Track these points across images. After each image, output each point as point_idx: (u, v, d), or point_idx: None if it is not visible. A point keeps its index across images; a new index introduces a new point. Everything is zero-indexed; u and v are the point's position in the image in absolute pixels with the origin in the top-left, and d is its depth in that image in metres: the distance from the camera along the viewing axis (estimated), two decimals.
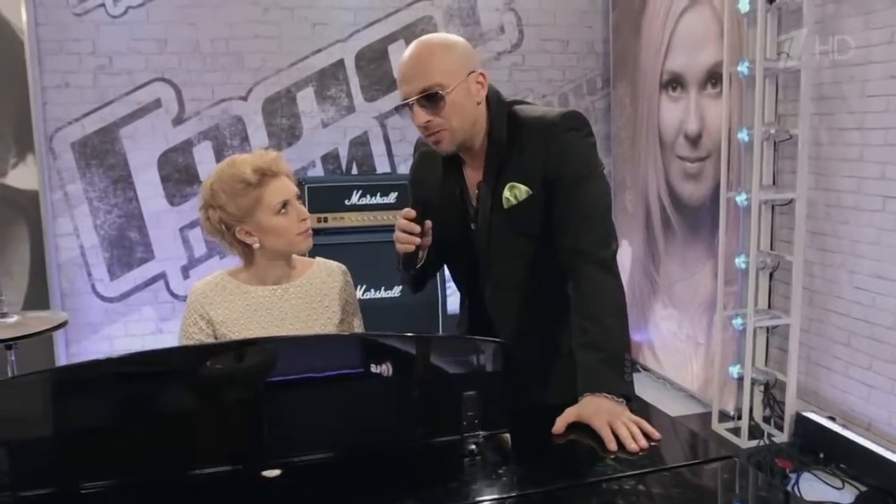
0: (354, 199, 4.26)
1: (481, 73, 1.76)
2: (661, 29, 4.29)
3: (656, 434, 1.40)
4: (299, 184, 2.26)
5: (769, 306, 3.86)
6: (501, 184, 1.79)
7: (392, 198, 4.29)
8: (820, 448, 3.43)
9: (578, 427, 1.47)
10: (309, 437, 1.37)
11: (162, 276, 4.52)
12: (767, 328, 3.84)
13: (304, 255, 2.01)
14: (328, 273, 2.02)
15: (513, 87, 4.79)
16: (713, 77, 3.90)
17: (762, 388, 3.81)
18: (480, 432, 1.43)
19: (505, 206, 1.79)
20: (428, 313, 4.31)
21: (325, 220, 4.17)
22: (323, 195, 4.18)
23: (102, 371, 1.39)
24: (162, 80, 4.36)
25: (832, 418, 3.53)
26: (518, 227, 1.80)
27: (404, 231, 1.73)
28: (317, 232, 2.51)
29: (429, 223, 1.74)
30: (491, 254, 1.85)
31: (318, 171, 4.64)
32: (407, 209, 1.74)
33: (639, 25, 4.53)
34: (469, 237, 1.91)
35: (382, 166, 4.76)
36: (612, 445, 1.38)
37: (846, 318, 3.47)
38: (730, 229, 3.77)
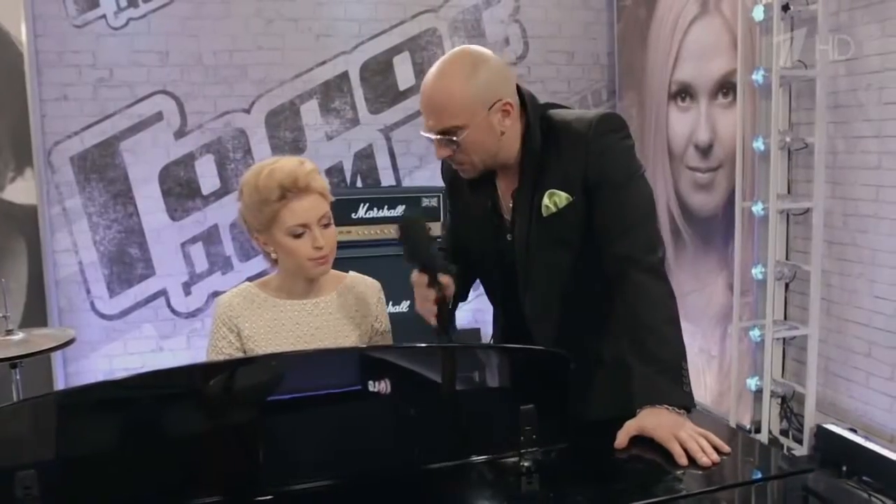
0: (361, 212, 4.18)
1: (507, 103, 1.66)
2: (670, 39, 4.27)
3: (726, 447, 1.33)
4: None
5: (785, 317, 3.81)
6: (540, 192, 1.72)
7: (399, 210, 4.21)
8: (842, 461, 3.36)
9: (640, 440, 1.40)
10: (359, 454, 1.29)
11: (163, 292, 4.42)
12: (784, 339, 3.79)
13: (317, 279, 1.89)
14: (361, 289, 1.93)
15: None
16: (725, 86, 3.87)
17: (779, 400, 3.75)
18: (538, 448, 1.35)
19: (544, 213, 1.72)
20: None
21: None
22: None
23: (92, 397, 1.27)
24: (163, 92, 4.28)
25: (853, 430, 3.47)
26: (558, 236, 1.73)
27: (423, 298, 1.71)
28: None
29: (446, 279, 1.70)
30: (530, 264, 1.78)
31: None
32: (418, 274, 1.72)
33: (645, 36, 4.50)
34: (503, 249, 1.84)
35: (387, 179, 4.69)
36: (683, 460, 1.30)
37: (866, 329, 3.42)
38: (744, 239, 3.72)
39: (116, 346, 4.36)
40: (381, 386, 1.38)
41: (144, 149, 4.29)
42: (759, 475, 1.27)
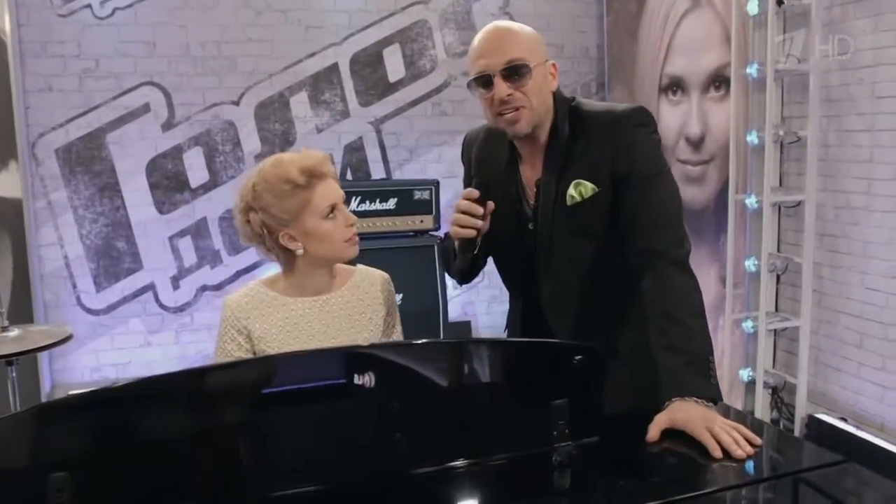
0: (353, 205, 4.14)
1: (553, 64, 1.72)
2: (661, 32, 4.28)
3: (757, 439, 1.34)
4: None
5: (776, 309, 3.85)
6: (566, 181, 1.72)
7: (391, 204, 4.19)
8: (833, 449, 3.40)
9: (669, 433, 1.40)
10: (396, 449, 1.28)
11: (150, 287, 4.35)
12: (775, 331, 3.83)
13: (348, 262, 1.91)
14: (371, 282, 1.92)
15: None
16: (717, 80, 3.89)
17: (770, 390, 3.80)
18: (570, 442, 1.35)
19: (569, 203, 1.72)
20: (428, 321, 4.21)
21: None
22: None
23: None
24: (151, 83, 4.21)
25: (844, 419, 3.52)
26: (581, 226, 1.74)
27: (466, 213, 1.65)
28: None
29: (491, 204, 1.66)
30: (551, 254, 1.78)
31: None
32: (469, 189, 1.67)
33: (636, 29, 4.51)
34: (524, 237, 1.83)
35: (377, 172, 4.66)
36: (718, 453, 1.31)
37: (857, 320, 3.47)
38: (736, 232, 3.76)
39: (103, 341, 4.29)
40: (411, 383, 1.37)
41: (131, 141, 4.21)
42: (793, 467, 1.28)
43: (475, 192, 1.65)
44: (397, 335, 1.98)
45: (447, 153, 4.76)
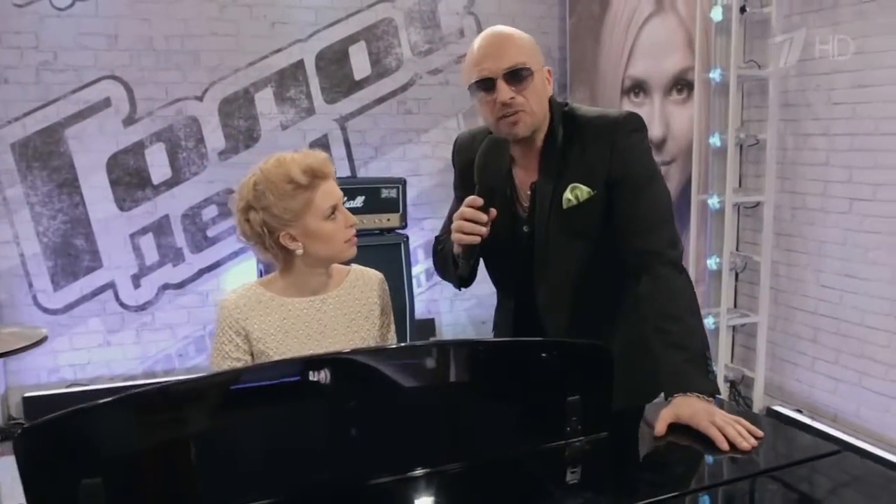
0: None
1: (549, 70, 1.75)
2: (624, 35, 4.38)
3: (759, 432, 1.40)
4: None
5: (734, 305, 3.99)
6: (562, 185, 1.76)
7: (359, 202, 4.19)
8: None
9: (674, 427, 1.45)
10: (417, 452, 1.30)
11: (111, 285, 4.26)
12: (734, 327, 3.97)
13: (346, 263, 1.91)
14: (366, 282, 1.93)
15: None
16: (679, 83, 4.01)
17: (729, 384, 3.94)
18: (583, 438, 1.39)
19: (565, 206, 1.76)
20: (396, 319, 4.22)
21: None
22: None
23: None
24: (112, 77, 4.12)
25: (799, 411, 3.68)
26: (576, 229, 1.78)
27: (470, 220, 1.67)
28: None
29: (493, 212, 1.68)
30: (546, 256, 1.82)
31: None
32: (473, 197, 1.68)
33: (598, 31, 4.61)
34: (518, 239, 1.87)
35: (342, 170, 4.65)
36: (725, 446, 1.36)
37: (812, 316, 3.63)
38: (698, 231, 3.88)
39: (61, 341, 4.18)
40: (427, 382, 1.39)
41: (91, 136, 4.11)
42: (794, 458, 1.34)
43: (479, 200, 1.66)
44: (392, 334, 1.99)
45: (412, 151, 4.78)
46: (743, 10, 3.56)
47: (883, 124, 3.22)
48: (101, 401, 1.10)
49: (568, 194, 1.76)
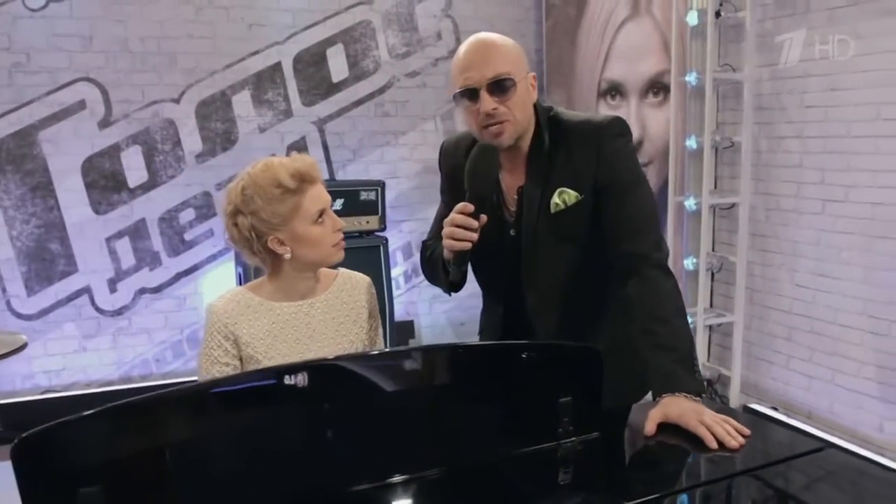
0: None
1: (533, 76, 1.76)
2: (600, 38, 4.43)
3: (746, 430, 1.43)
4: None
5: (710, 305, 4.05)
6: (550, 189, 1.78)
7: (338, 204, 4.16)
8: None
9: (663, 427, 1.48)
10: (409, 455, 1.31)
11: (86, 290, 4.21)
12: (710, 326, 4.03)
13: (334, 267, 1.92)
14: (353, 285, 1.94)
15: (450, 94, 4.79)
16: (655, 86, 4.06)
17: (706, 383, 4.00)
18: (574, 438, 1.41)
19: (553, 210, 1.78)
20: None
21: None
22: None
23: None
24: (87, 79, 4.07)
25: (775, 408, 3.75)
26: (564, 232, 1.80)
27: (461, 226, 1.68)
28: None
29: (483, 218, 1.70)
30: (535, 259, 1.84)
31: None
32: (464, 203, 1.69)
33: (575, 34, 4.65)
34: (505, 243, 1.88)
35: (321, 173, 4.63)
36: (714, 444, 1.39)
37: (787, 315, 3.70)
38: (674, 232, 3.94)
39: (36, 347, 4.11)
40: (425, 386, 1.40)
41: (66, 139, 4.06)
42: (781, 455, 1.38)
43: (470, 206, 1.67)
44: (379, 338, 2.00)
45: (390, 154, 4.79)
46: (718, 14, 3.62)
47: (854, 127, 3.29)
48: (100, 408, 1.10)
49: (556, 198, 1.78)
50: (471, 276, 1.96)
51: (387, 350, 1.74)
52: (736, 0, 3.64)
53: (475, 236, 1.68)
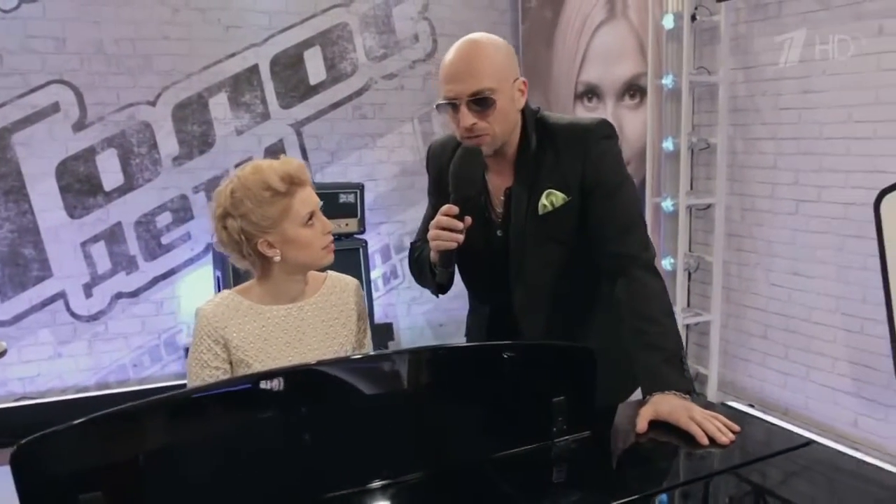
0: None
1: (524, 81, 1.77)
2: (576, 41, 4.47)
3: (736, 426, 1.46)
4: None
5: (688, 305, 4.11)
6: (538, 190, 1.80)
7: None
8: None
9: (654, 424, 1.50)
10: (396, 456, 1.32)
11: (61, 295, 4.15)
12: (688, 325, 4.09)
13: (323, 270, 1.92)
14: (342, 288, 1.94)
15: (427, 96, 4.82)
16: (631, 88, 4.11)
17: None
18: (568, 437, 1.43)
19: (541, 212, 1.80)
20: None
21: None
22: None
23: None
24: (60, 82, 4.01)
25: (752, 406, 3.80)
26: (552, 233, 1.82)
27: (446, 228, 1.69)
28: None
29: (468, 219, 1.71)
30: (523, 260, 1.85)
31: None
32: (448, 205, 1.71)
33: (551, 37, 4.69)
34: (492, 244, 1.89)
35: None
36: (705, 440, 1.42)
37: (762, 313, 3.76)
38: (652, 233, 3.98)
39: (10, 353, 4.00)
40: (422, 388, 1.41)
41: (39, 142, 4.00)
42: (769, 450, 1.41)
43: (454, 209, 1.69)
44: (368, 340, 2.01)
45: (367, 156, 4.79)
46: (693, 18, 3.67)
47: (827, 129, 3.36)
48: (99, 413, 1.09)
49: (544, 200, 1.79)
50: (455, 278, 1.98)
51: (386, 352, 1.74)
52: (711, 4, 3.70)
53: (460, 237, 1.70)
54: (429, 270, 1.85)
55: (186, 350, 4.30)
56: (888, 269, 2.98)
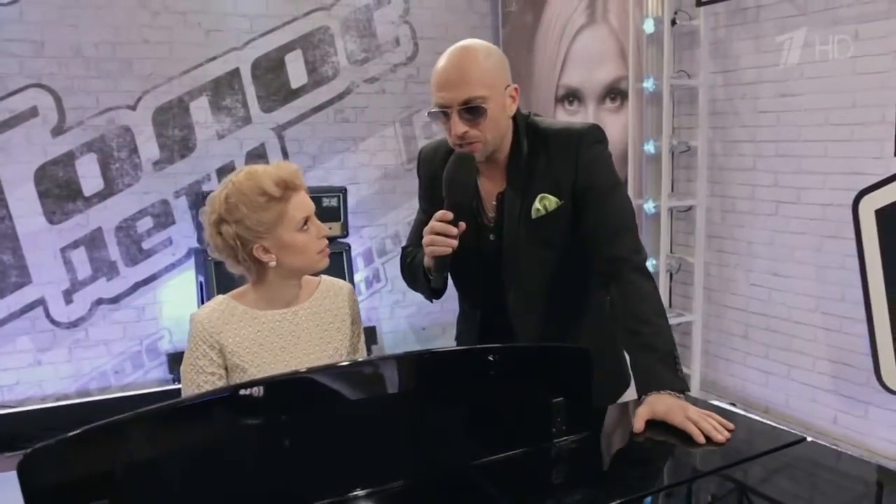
0: None
1: (515, 88, 1.79)
2: (557, 45, 4.51)
3: (731, 424, 1.48)
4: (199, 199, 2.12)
5: (670, 306, 4.16)
6: (531, 195, 1.81)
7: None
8: None
9: (650, 424, 1.52)
10: (398, 459, 1.33)
11: (40, 301, 4.09)
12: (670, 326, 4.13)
13: (317, 274, 1.92)
14: (336, 292, 1.94)
15: (409, 99, 4.83)
16: (612, 92, 4.15)
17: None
18: (567, 437, 1.45)
19: (534, 216, 1.82)
20: None
21: None
22: None
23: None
24: (39, 86, 3.96)
25: (733, 404, 3.85)
26: (545, 237, 1.84)
27: (440, 234, 1.71)
28: None
29: (462, 225, 1.73)
30: (516, 264, 1.87)
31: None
32: (443, 211, 1.72)
33: (532, 41, 4.72)
34: (485, 248, 1.91)
35: None
36: (701, 439, 1.44)
37: (743, 313, 3.82)
38: None
39: None
40: (422, 390, 1.42)
41: (17, 147, 3.95)
42: (764, 448, 1.43)
43: (449, 214, 1.70)
44: (362, 344, 2.01)
45: (349, 160, 4.78)
46: (673, 22, 3.72)
47: (805, 131, 3.42)
48: (106, 421, 1.09)
49: (537, 204, 1.81)
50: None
51: (386, 356, 1.75)
52: (690, 8, 3.76)
53: (455, 243, 1.71)
54: (423, 276, 1.86)
55: (168, 356, 4.31)
56: (866, 269, 3.05)
